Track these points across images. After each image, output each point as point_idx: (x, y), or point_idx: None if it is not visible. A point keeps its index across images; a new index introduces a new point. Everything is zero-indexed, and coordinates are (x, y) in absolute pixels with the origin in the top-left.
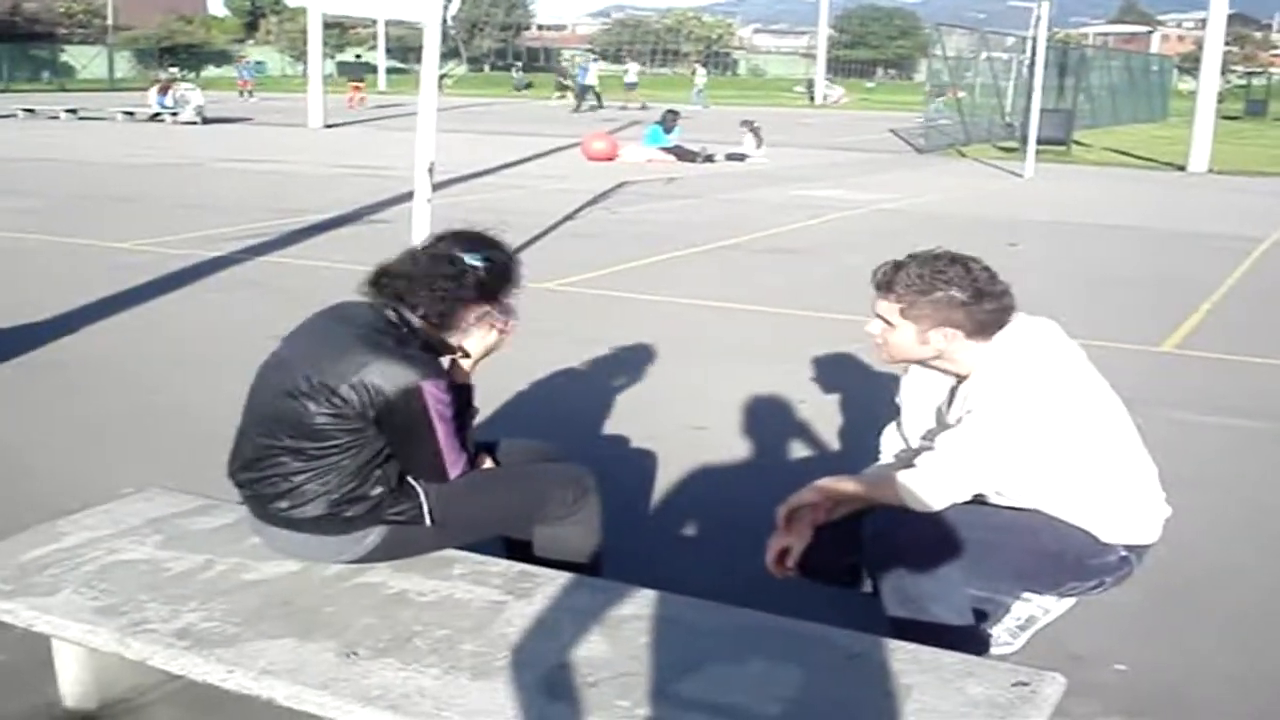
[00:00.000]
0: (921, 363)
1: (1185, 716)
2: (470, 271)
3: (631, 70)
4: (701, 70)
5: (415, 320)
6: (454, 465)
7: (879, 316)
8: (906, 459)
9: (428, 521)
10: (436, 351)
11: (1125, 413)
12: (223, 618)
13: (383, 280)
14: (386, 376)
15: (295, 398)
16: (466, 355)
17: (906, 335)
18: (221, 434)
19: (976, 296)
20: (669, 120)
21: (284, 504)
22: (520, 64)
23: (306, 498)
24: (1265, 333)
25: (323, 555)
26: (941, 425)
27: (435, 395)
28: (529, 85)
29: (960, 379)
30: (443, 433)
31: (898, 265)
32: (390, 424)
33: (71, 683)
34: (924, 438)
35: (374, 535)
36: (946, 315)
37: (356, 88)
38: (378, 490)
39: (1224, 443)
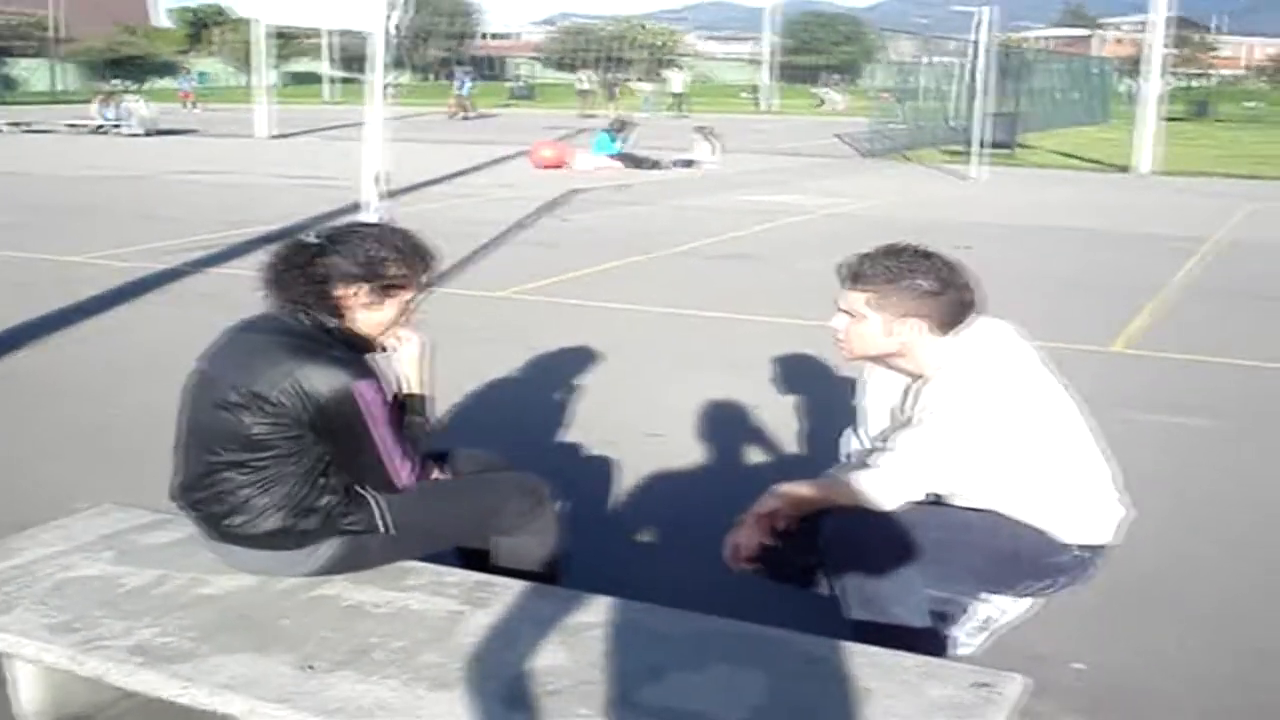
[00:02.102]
0: (882, 359)
1: (1144, 714)
2: (305, 249)
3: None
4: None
5: (330, 321)
6: (400, 471)
7: (844, 310)
8: (862, 461)
9: (383, 529)
10: (359, 350)
11: (1080, 414)
12: (178, 633)
13: (273, 287)
14: (316, 380)
15: (228, 410)
16: (383, 349)
17: (873, 326)
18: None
19: (943, 287)
20: (617, 128)
21: (237, 519)
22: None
23: (257, 511)
24: (1212, 331)
25: (278, 570)
26: (897, 426)
27: (367, 397)
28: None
29: (916, 379)
30: (381, 436)
31: (865, 257)
32: (327, 429)
33: (27, 701)
34: (880, 439)
35: (328, 547)
36: (914, 305)
37: (459, 97)
38: (327, 499)
39: (1175, 441)
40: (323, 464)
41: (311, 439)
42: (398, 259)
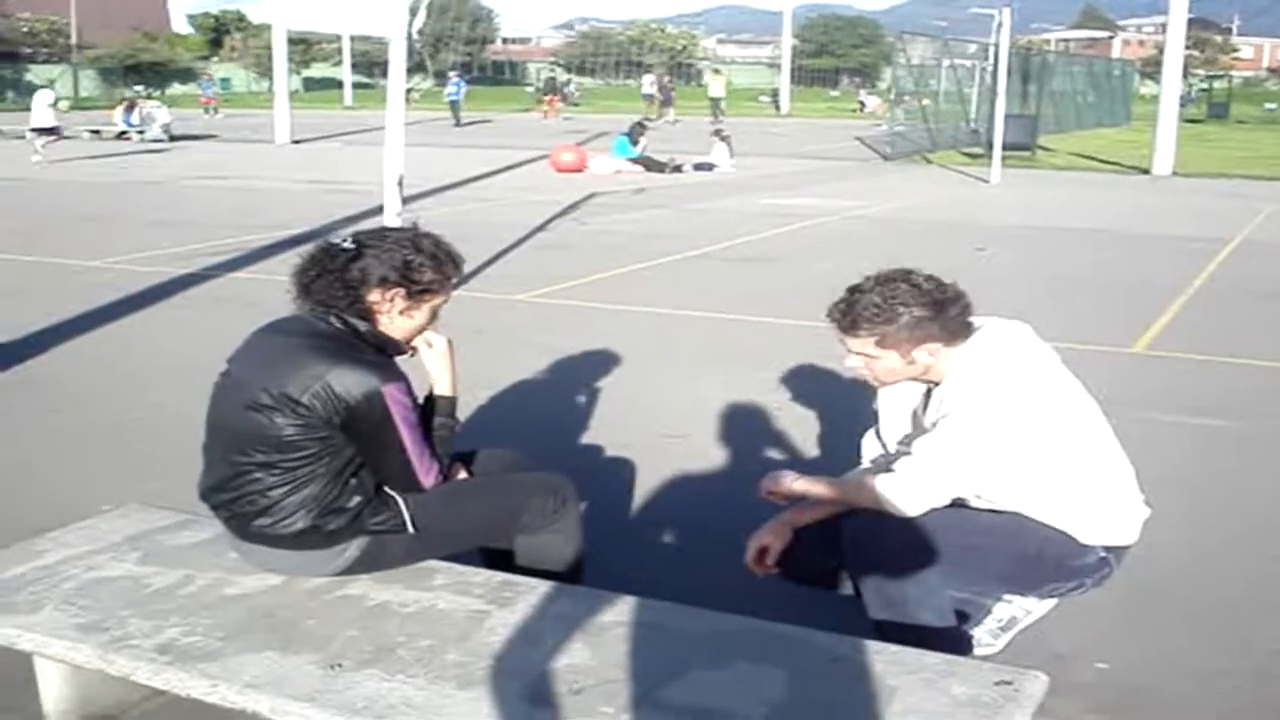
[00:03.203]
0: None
1: (1164, 713)
2: (340, 253)
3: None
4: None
5: (360, 325)
6: (426, 473)
7: (857, 353)
8: (883, 464)
9: (409, 529)
10: (389, 354)
11: (1100, 414)
12: (205, 632)
13: (305, 290)
14: (347, 382)
15: (259, 411)
16: (413, 352)
17: (891, 361)
18: (196, 449)
19: (937, 307)
20: (637, 132)
21: (266, 520)
22: (566, 77)
23: (287, 512)
24: (1232, 332)
25: (305, 570)
26: (918, 430)
27: (397, 399)
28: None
29: (936, 383)
30: (409, 438)
31: (849, 303)
32: (356, 430)
33: (55, 700)
34: (901, 443)
35: (354, 547)
36: (921, 333)
37: (552, 100)
38: (356, 500)
39: (1195, 442)
40: (353, 465)
41: (341, 440)
42: (432, 264)
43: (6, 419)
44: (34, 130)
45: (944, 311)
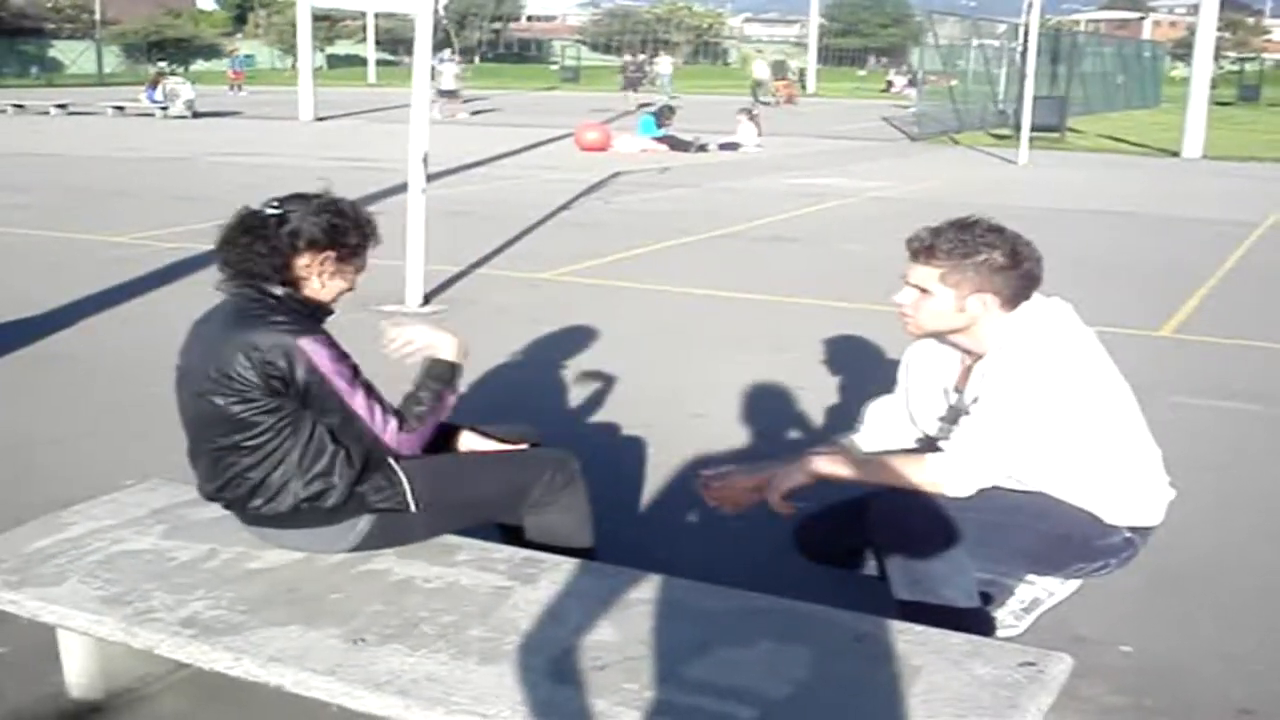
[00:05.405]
0: (944, 336)
1: (1189, 696)
2: (268, 218)
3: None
4: (666, 59)
5: (278, 290)
6: (381, 430)
7: (913, 285)
8: (923, 442)
9: (412, 508)
10: (313, 316)
11: (1131, 394)
12: (228, 606)
13: (225, 265)
14: (262, 344)
15: (205, 396)
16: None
17: (944, 302)
18: None
19: (1015, 260)
20: (664, 113)
21: (258, 501)
22: (644, 56)
23: (273, 490)
24: (1261, 317)
25: (317, 547)
26: (954, 406)
27: (318, 350)
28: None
29: (975, 357)
30: (346, 391)
31: (936, 231)
32: (296, 393)
33: (78, 673)
34: (938, 419)
35: (364, 522)
36: (987, 280)
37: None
38: (347, 475)
39: (1222, 426)
40: (323, 435)
41: (294, 408)
42: (355, 228)
43: (35, 393)
44: (438, 92)
45: (1018, 265)
